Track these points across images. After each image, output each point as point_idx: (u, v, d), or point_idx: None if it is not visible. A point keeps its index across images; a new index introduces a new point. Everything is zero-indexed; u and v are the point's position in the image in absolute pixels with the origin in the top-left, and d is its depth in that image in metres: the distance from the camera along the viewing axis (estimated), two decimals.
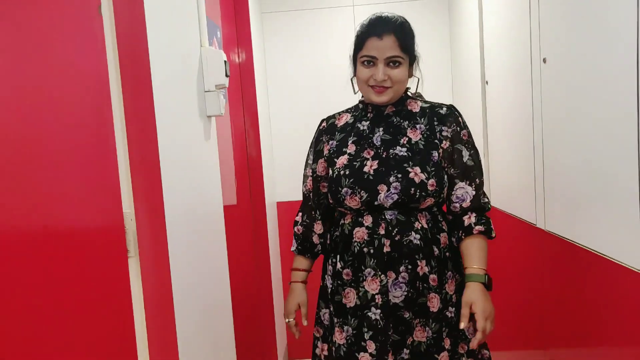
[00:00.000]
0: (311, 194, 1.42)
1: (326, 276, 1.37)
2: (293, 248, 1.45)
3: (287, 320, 1.43)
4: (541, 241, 1.50)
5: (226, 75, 1.44)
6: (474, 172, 1.28)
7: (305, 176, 1.44)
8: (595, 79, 1.12)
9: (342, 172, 1.28)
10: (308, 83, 2.63)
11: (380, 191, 1.24)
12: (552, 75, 1.36)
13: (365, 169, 1.27)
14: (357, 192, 1.26)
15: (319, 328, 1.41)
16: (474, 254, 1.25)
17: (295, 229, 1.45)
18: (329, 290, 1.34)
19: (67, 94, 0.85)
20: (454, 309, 1.28)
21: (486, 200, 1.29)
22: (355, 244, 1.28)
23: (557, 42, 1.32)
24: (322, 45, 2.61)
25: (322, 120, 1.43)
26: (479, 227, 1.26)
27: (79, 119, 0.88)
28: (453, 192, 1.28)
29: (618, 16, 1.01)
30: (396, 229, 1.25)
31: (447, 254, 1.30)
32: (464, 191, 1.27)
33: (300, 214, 1.45)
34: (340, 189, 1.28)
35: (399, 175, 1.24)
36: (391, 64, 1.24)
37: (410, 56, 1.27)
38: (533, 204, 1.54)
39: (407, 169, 1.24)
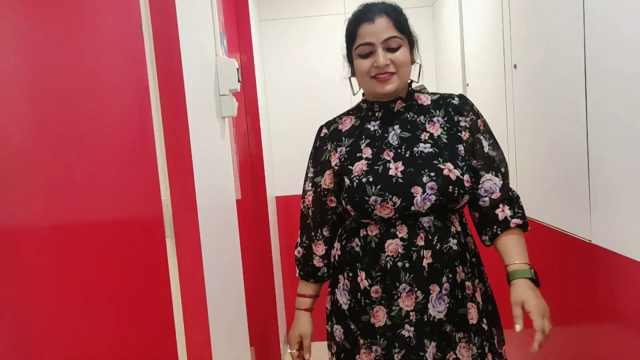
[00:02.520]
0: (310, 211, 1.28)
1: (338, 290, 1.24)
2: (297, 274, 1.33)
3: (289, 351, 1.33)
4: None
5: (238, 81, 1.63)
6: (497, 162, 1.18)
7: (304, 191, 1.29)
8: (554, 82, 1.34)
9: (364, 180, 1.14)
10: (303, 85, 2.83)
11: (415, 194, 1.11)
12: (521, 79, 1.58)
13: (391, 172, 1.13)
14: (388, 199, 1.11)
15: (332, 343, 1.28)
16: (514, 249, 1.13)
17: (296, 251, 1.32)
18: (346, 307, 1.21)
19: (114, 99, 1.03)
20: (487, 320, 1.18)
21: (512, 191, 1.19)
22: (388, 258, 1.14)
23: (525, 50, 1.54)
24: (316, 50, 2.82)
25: (321, 127, 1.29)
26: (516, 220, 1.14)
27: (125, 121, 1.07)
28: (480, 186, 1.17)
29: (568, 29, 1.23)
30: (436, 237, 1.13)
31: (474, 259, 1.20)
32: (491, 183, 1.16)
33: (300, 235, 1.32)
34: (366, 198, 1.13)
35: (432, 174, 1.11)
36: (390, 48, 1.13)
37: (408, 37, 1.17)
38: None
39: (439, 165, 1.12)
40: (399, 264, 1.13)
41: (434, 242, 1.13)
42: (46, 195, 0.71)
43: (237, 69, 1.62)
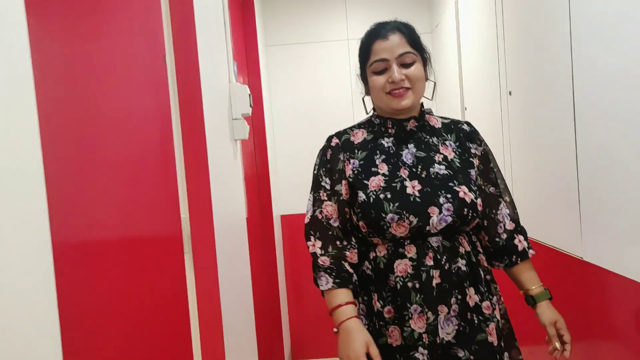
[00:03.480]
0: (332, 221, 1.19)
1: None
2: (327, 285, 1.16)
3: None
4: None
5: (250, 106, 1.73)
6: (506, 192, 1.24)
7: (318, 200, 1.21)
8: (545, 108, 1.44)
9: (381, 196, 1.13)
10: (307, 107, 2.94)
11: (431, 214, 1.11)
12: (516, 105, 1.68)
13: (408, 190, 1.13)
14: (405, 217, 1.11)
15: None
16: (531, 274, 1.22)
17: (319, 261, 1.18)
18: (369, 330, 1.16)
19: (140, 124, 1.13)
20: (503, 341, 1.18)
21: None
22: (397, 279, 1.13)
23: (520, 78, 1.64)
24: (320, 74, 2.93)
25: (331, 137, 1.26)
26: (531, 252, 1.23)
27: (149, 144, 1.16)
28: (499, 212, 1.22)
29: (557, 60, 1.33)
30: (445, 257, 1.13)
31: (488, 276, 1.20)
32: (504, 211, 1.22)
33: (317, 244, 1.20)
34: (384, 215, 1.11)
35: (449, 196, 1.12)
36: (404, 64, 1.15)
37: (421, 54, 1.18)
38: None
39: (454, 188, 1.14)
40: (409, 284, 1.12)
41: (443, 262, 1.12)
42: (85, 215, 0.80)
43: (249, 95, 1.72)
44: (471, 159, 1.20)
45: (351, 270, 1.18)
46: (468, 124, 1.26)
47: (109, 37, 0.97)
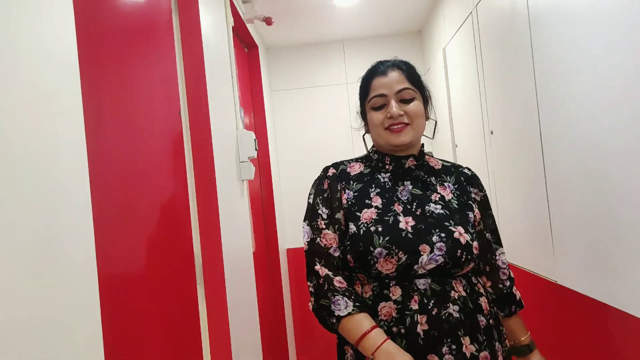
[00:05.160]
0: (330, 250, 1.12)
1: None
2: (347, 309, 1.04)
3: None
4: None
5: (255, 149, 1.91)
6: (499, 239, 1.25)
7: (316, 229, 1.14)
8: (520, 147, 1.60)
9: (372, 228, 1.07)
10: (310, 145, 3.13)
11: (422, 252, 1.05)
12: (497, 143, 1.85)
13: (401, 225, 1.08)
14: (393, 253, 1.05)
15: None
16: (521, 323, 1.23)
17: (336, 282, 1.08)
18: None
19: (159, 170, 1.30)
20: None
21: None
22: (382, 323, 1.05)
23: (499, 118, 1.81)
24: (321, 115, 3.14)
25: (328, 167, 1.23)
26: (522, 302, 1.25)
27: (167, 186, 1.33)
28: (498, 258, 1.22)
29: (526, 103, 1.50)
30: (432, 301, 1.04)
31: (491, 321, 1.12)
32: (504, 257, 1.23)
33: (326, 271, 1.10)
34: (372, 248, 1.05)
35: (442, 235, 1.06)
36: (403, 100, 1.14)
37: (422, 92, 1.18)
38: None
39: (450, 227, 1.08)
40: (394, 329, 1.04)
41: (429, 307, 1.04)
42: (122, 250, 0.97)
43: (254, 139, 1.90)
44: (470, 202, 1.16)
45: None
46: (469, 169, 1.24)
47: (135, 98, 1.16)
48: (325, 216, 1.16)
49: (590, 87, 1.14)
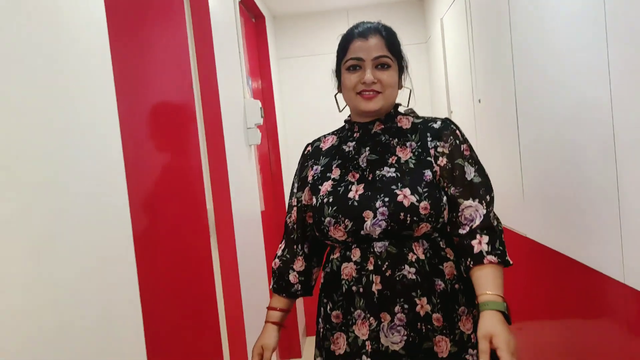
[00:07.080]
0: (295, 226, 1.27)
1: (319, 319, 1.23)
2: (271, 286, 1.29)
3: None
4: None
5: (261, 117, 2.09)
6: (482, 189, 1.12)
7: (290, 206, 1.30)
8: (503, 115, 1.76)
9: (325, 200, 1.16)
10: (315, 111, 3.29)
11: (366, 218, 1.10)
12: (484, 111, 2.00)
13: (350, 194, 1.13)
14: (340, 221, 1.12)
15: None
16: (488, 279, 1.06)
17: (273, 263, 1.30)
18: (320, 335, 1.21)
19: (177, 139, 1.49)
20: (475, 350, 1.09)
21: (497, 221, 1.12)
22: (344, 282, 1.14)
23: (484, 88, 1.96)
24: (327, 82, 3.28)
25: (307, 145, 1.32)
26: (491, 258, 1.07)
27: (185, 151, 1.52)
28: (460, 214, 1.11)
29: (504, 74, 1.65)
30: (386, 263, 1.10)
31: (457, 285, 1.12)
32: (472, 210, 1.11)
33: (281, 247, 1.30)
34: (323, 219, 1.14)
35: (386, 200, 1.09)
36: (379, 66, 1.14)
37: (398, 61, 1.18)
38: None
39: (395, 191, 1.10)
40: (354, 288, 1.12)
41: (384, 269, 1.10)
42: (152, 210, 1.17)
43: (260, 108, 2.08)
44: (430, 159, 1.13)
45: (293, 280, 1.25)
46: (444, 120, 1.19)
47: (151, 63, 1.34)
48: (295, 191, 1.30)
49: (555, 63, 1.29)
